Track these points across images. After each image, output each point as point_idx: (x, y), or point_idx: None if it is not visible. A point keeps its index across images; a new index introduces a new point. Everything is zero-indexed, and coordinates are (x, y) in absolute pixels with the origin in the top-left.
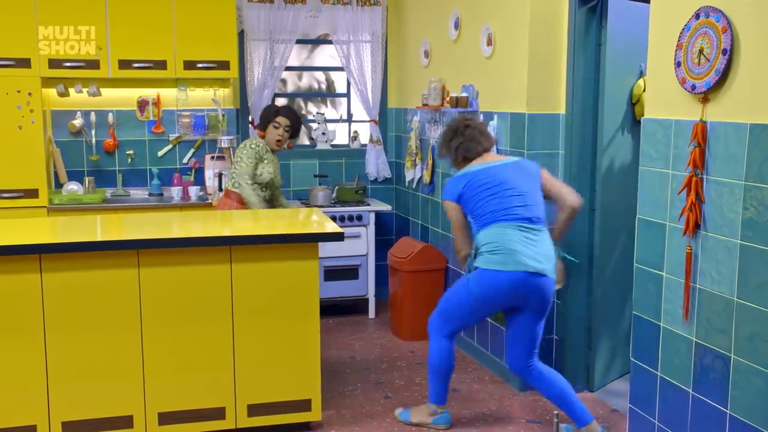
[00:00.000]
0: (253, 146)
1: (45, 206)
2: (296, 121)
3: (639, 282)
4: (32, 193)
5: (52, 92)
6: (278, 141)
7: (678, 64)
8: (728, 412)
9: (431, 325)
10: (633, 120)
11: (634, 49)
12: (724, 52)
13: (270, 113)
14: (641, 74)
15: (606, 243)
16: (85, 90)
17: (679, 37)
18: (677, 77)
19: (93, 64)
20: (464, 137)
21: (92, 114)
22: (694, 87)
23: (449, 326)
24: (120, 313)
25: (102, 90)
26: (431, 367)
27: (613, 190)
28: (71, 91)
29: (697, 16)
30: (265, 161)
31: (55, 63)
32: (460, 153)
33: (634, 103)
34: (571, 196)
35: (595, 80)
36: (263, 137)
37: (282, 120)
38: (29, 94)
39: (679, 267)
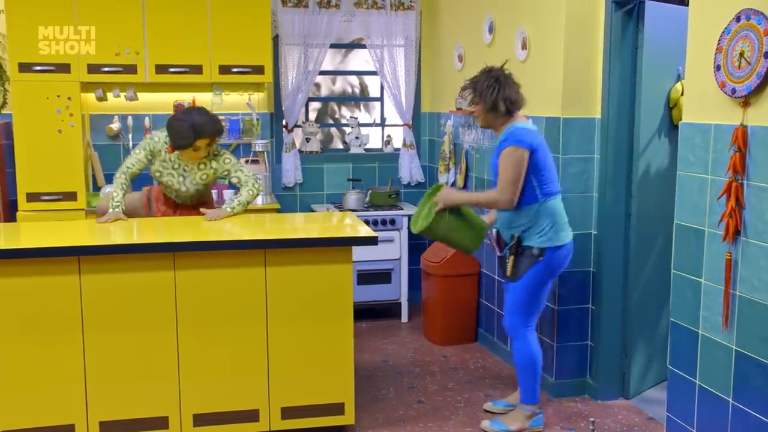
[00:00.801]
0: (147, 140)
1: (83, 209)
2: (216, 132)
3: (676, 288)
4: (71, 196)
5: (90, 97)
6: (198, 157)
7: (718, 68)
8: None
9: (511, 327)
10: (670, 124)
11: (672, 52)
12: (766, 55)
13: (187, 138)
14: (679, 78)
15: (642, 248)
16: (122, 94)
17: (719, 40)
18: (717, 81)
19: (130, 69)
20: (511, 89)
21: (129, 118)
22: (734, 91)
23: (531, 318)
24: (156, 315)
25: (139, 94)
26: (522, 367)
27: (649, 195)
28: (109, 95)
29: (737, 18)
30: (157, 162)
31: (93, 68)
32: (507, 105)
33: (671, 107)
34: None
35: (632, 84)
36: (171, 151)
37: (201, 143)
38: (69, 98)
39: (718, 274)
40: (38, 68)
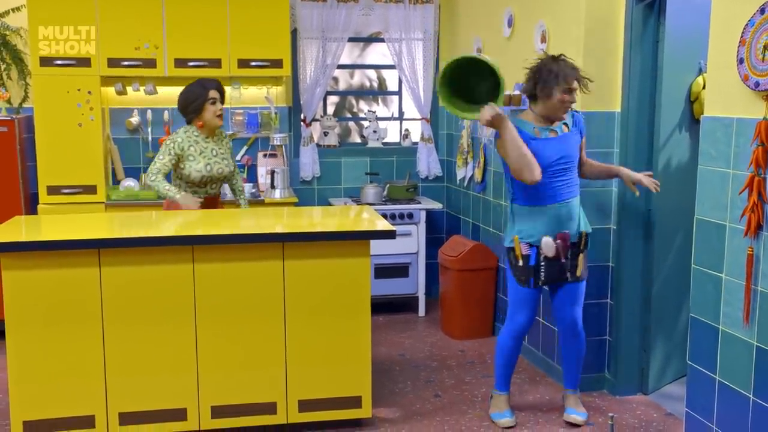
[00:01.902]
0: (168, 143)
1: (103, 202)
2: (217, 81)
3: (697, 284)
4: (91, 189)
5: (110, 91)
6: (220, 115)
7: (741, 61)
8: None
9: (579, 322)
10: (691, 118)
11: (694, 45)
12: None
13: (198, 94)
14: (700, 71)
15: (662, 243)
16: (142, 88)
17: (742, 32)
18: (739, 74)
19: (150, 63)
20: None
21: (148, 112)
22: (757, 84)
23: None
24: (175, 308)
25: (158, 88)
26: (583, 357)
27: (670, 189)
28: (129, 89)
29: (762, 10)
30: (191, 157)
31: (113, 62)
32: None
33: (692, 101)
34: None
35: (652, 77)
36: (201, 126)
37: (214, 93)
38: (89, 92)
39: (740, 269)
40: (59, 62)
